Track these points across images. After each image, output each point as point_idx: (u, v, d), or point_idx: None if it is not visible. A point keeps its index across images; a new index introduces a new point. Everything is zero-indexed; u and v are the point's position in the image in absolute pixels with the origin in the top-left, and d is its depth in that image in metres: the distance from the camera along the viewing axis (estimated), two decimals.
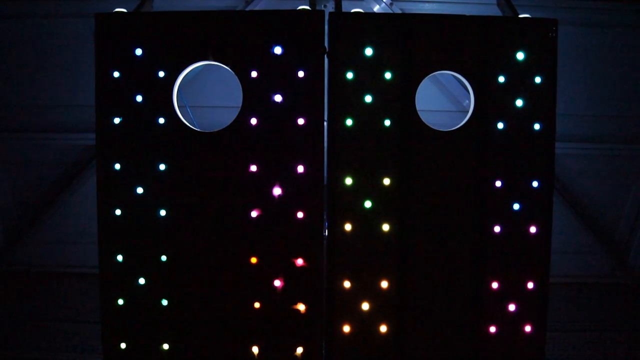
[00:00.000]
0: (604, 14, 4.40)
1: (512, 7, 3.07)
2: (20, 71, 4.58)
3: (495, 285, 2.85)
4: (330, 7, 3.97)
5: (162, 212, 2.83)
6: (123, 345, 2.90)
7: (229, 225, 2.82)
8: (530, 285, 2.85)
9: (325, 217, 2.82)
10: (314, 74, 2.75)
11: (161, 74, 2.80)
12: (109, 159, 2.83)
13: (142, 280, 2.85)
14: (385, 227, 2.81)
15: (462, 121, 2.84)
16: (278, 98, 2.75)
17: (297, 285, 2.81)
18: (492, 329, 2.87)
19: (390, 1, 4.31)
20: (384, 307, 2.85)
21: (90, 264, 4.36)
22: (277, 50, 2.74)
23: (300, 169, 2.77)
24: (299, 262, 2.80)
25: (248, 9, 4.26)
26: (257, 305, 2.83)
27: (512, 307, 2.86)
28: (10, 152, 4.79)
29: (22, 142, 4.75)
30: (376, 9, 4.33)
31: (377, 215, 2.80)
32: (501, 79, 2.79)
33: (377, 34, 2.76)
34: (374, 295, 2.83)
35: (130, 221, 2.84)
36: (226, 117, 2.83)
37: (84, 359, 4.03)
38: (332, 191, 2.80)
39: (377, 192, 2.80)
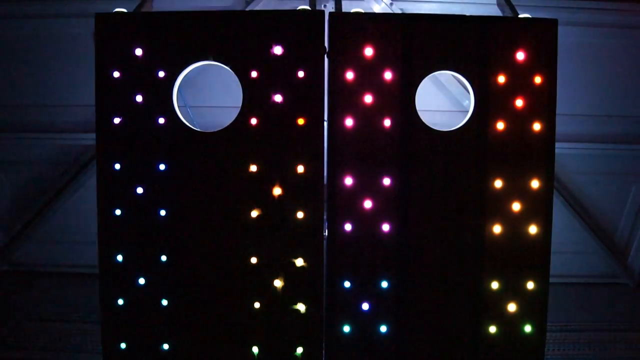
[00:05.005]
0: (604, 14, 4.40)
1: (512, 7, 3.07)
2: (20, 71, 4.58)
3: (495, 285, 2.85)
4: (330, 7, 3.96)
5: (162, 212, 2.83)
6: (123, 345, 2.90)
7: (229, 225, 2.82)
8: (530, 285, 2.85)
9: (325, 217, 2.82)
10: (314, 74, 2.75)
11: (161, 74, 2.80)
12: (109, 159, 2.84)
13: (142, 280, 2.85)
14: (385, 227, 2.81)
15: (462, 121, 2.84)
16: (278, 98, 2.75)
17: (297, 285, 2.81)
18: (492, 329, 2.87)
19: (390, 1, 4.31)
20: (384, 307, 2.85)
21: (90, 264, 4.36)
22: (277, 50, 2.74)
23: (300, 169, 2.77)
24: (299, 262, 2.80)
25: (248, 9, 4.25)
26: (257, 305, 2.83)
27: (512, 307, 2.86)
28: (10, 152, 4.79)
29: (22, 142, 4.75)
30: (376, 9, 4.32)
31: (377, 215, 2.80)
32: (501, 79, 2.79)
33: (377, 34, 2.76)
34: (374, 295, 2.83)
35: (130, 221, 2.84)
36: (226, 117, 2.83)
37: (84, 359, 4.03)
38: (332, 191, 2.80)
39: (377, 192, 2.80)
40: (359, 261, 2.83)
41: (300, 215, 2.78)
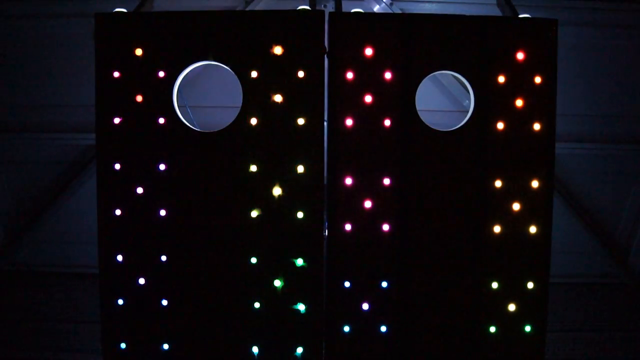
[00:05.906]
0: (604, 14, 4.40)
1: (512, 7, 3.07)
2: (20, 71, 4.58)
3: (495, 284, 2.85)
4: (330, 7, 3.97)
5: (162, 212, 2.83)
6: (123, 345, 2.90)
7: (229, 225, 2.82)
8: (530, 285, 2.86)
9: (325, 217, 2.82)
10: (314, 74, 2.75)
11: (161, 74, 2.80)
12: (109, 159, 2.84)
13: (142, 280, 2.86)
14: (385, 227, 2.81)
15: (462, 121, 2.84)
16: (278, 98, 2.75)
17: (297, 285, 2.81)
18: (492, 329, 2.87)
19: (390, 1, 4.31)
20: (384, 307, 2.85)
21: (90, 264, 4.36)
22: (277, 50, 2.74)
23: (300, 169, 2.77)
24: (299, 262, 2.80)
25: (248, 9, 4.26)
26: (257, 305, 2.83)
27: (512, 307, 2.86)
28: (10, 152, 4.79)
29: (22, 142, 4.75)
30: (376, 9, 4.32)
31: (377, 215, 2.80)
32: (501, 79, 2.79)
33: (377, 34, 2.76)
34: (374, 295, 2.83)
35: (130, 221, 2.84)
36: (226, 117, 2.83)
37: (84, 359, 4.03)
38: (332, 191, 2.80)
39: (377, 192, 2.80)
40: (359, 261, 2.83)
41: (300, 215, 2.78)
